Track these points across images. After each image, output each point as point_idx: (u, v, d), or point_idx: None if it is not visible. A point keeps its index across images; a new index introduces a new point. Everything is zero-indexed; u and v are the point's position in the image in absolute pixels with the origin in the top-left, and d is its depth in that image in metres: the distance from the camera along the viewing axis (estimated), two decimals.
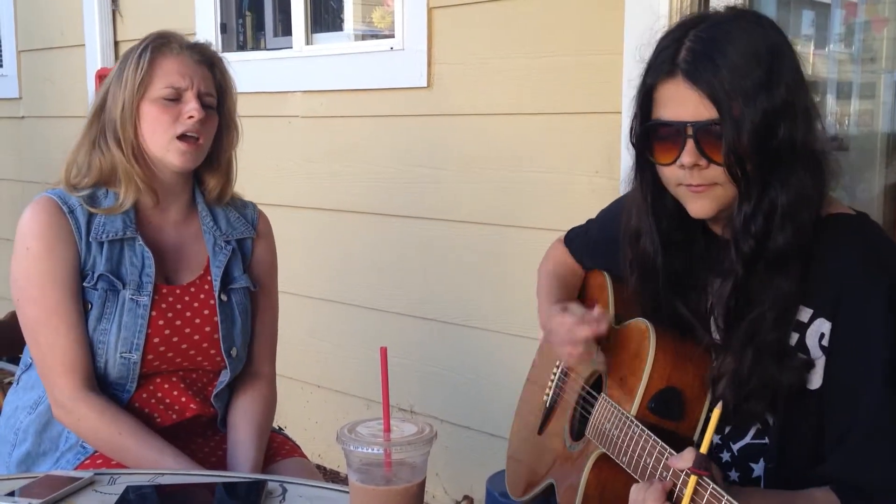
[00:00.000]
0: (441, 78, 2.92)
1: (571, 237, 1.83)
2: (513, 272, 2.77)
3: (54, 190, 1.75)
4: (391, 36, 3.11)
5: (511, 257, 2.80)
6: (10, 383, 1.92)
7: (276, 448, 1.88)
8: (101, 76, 3.83)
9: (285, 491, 1.43)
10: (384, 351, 1.19)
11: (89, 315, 1.69)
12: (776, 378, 1.32)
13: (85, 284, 1.70)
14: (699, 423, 1.41)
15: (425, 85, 2.94)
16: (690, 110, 1.30)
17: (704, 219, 1.39)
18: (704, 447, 1.17)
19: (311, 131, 3.39)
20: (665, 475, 1.25)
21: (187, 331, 1.76)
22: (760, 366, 1.32)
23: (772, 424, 1.36)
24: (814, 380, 1.31)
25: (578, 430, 1.64)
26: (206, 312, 1.78)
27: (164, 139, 1.73)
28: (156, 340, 1.72)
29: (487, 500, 2.17)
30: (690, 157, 1.31)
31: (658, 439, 1.31)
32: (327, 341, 3.45)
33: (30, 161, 4.55)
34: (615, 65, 2.43)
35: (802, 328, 1.32)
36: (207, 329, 1.78)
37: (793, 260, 1.30)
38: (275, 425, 1.93)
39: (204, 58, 1.79)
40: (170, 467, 1.61)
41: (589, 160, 2.57)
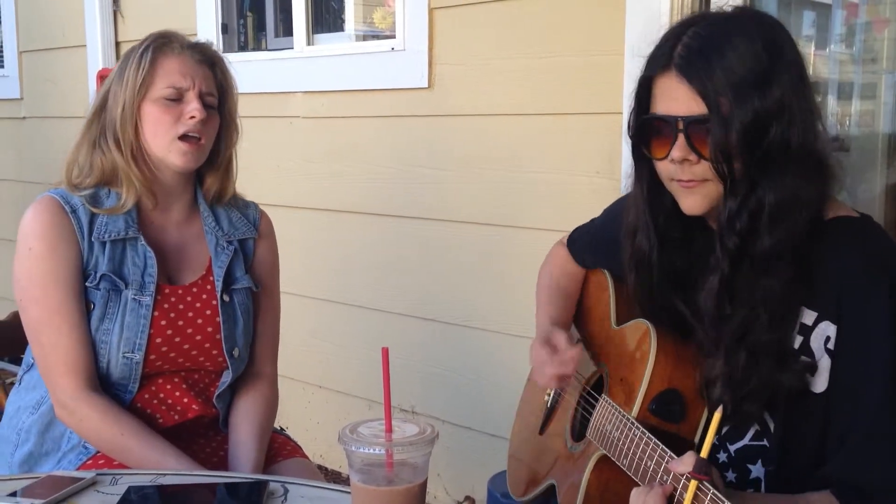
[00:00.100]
0: (442, 78, 2.92)
1: (574, 238, 1.83)
2: (514, 273, 2.77)
3: (56, 190, 1.75)
4: (392, 36, 3.11)
5: (512, 258, 2.80)
6: (13, 384, 1.92)
7: (278, 448, 1.88)
8: (103, 76, 3.82)
9: (287, 491, 1.43)
10: (385, 351, 1.19)
11: (92, 315, 1.69)
12: (776, 380, 1.31)
13: (87, 284, 1.70)
14: (700, 426, 1.40)
15: (426, 85, 2.94)
16: (682, 105, 1.30)
17: (699, 215, 1.38)
18: (705, 451, 1.17)
19: (312, 132, 3.39)
20: (665, 479, 1.25)
21: (189, 331, 1.76)
22: (758, 368, 1.31)
23: (772, 427, 1.35)
24: (818, 383, 1.30)
25: (579, 431, 1.64)
26: (209, 313, 1.78)
27: (166, 139, 1.73)
28: (158, 340, 1.72)
29: (489, 501, 2.17)
30: (680, 152, 1.31)
31: (658, 442, 1.30)
32: (329, 342, 3.45)
33: (31, 161, 4.54)
34: (616, 65, 2.42)
35: (807, 331, 1.31)
36: (209, 329, 1.78)
37: (784, 261, 1.29)
38: (276, 426, 1.93)
39: (205, 57, 1.79)
40: (172, 468, 1.61)
41: (589, 161, 2.57)
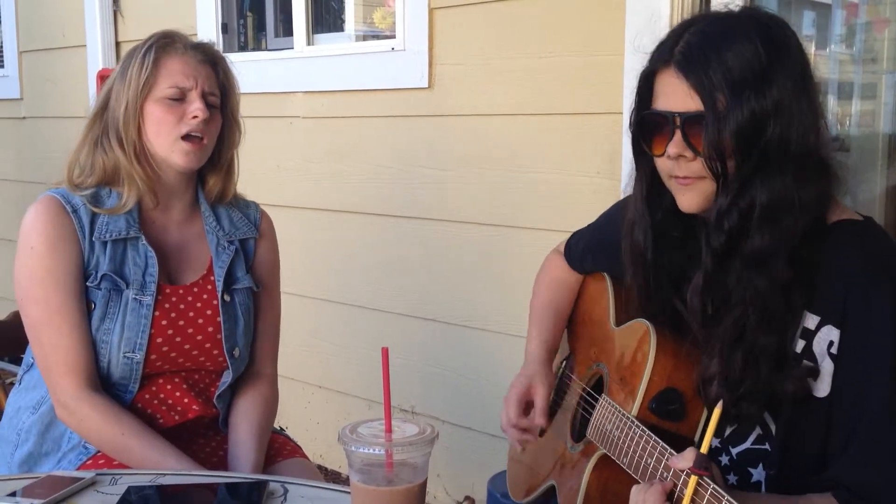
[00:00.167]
0: (442, 78, 2.92)
1: (570, 244, 1.82)
2: (513, 273, 2.77)
3: (57, 189, 1.75)
4: (392, 36, 3.11)
5: (512, 258, 2.80)
6: (12, 384, 1.91)
7: (278, 448, 1.88)
8: (103, 77, 3.83)
9: (286, 491, 1.43)
10: (385, 351, 1.19)
11: (92, 315, 1.69)
12: (775, 383, 1.30)
13: (88, 284, 1.70)
14: (700, 424, 1.41)
15: (426, 85, 2.94)
16: (680, 101, 1.31)
17: (699, 214, 1.37)
18: (705, 447, 1.17)
19: (312, 132, 3.39)
20: (665, 475, 1.25)
21: (190, 331, 1.76)
22: (756, 370, 1.31)
23: (774, 430, 1.35)
24: (821, 388, 1.29)
25: (579, 432, 1.64)
26: (209, 313, 1.78)
27: (169, 139, 1.73)
28: (159, 340, 1.72)
29: (489, 501, 2.17)
30: (676, 148, 1.31)
31: (658, 440, 1.31)
32: (328, 342, 3.45)
33: (31, 161, 4.54)
34: (616, 65, 2.42)
35: (809, 335, 1.30)
36: (210, 329, 1.78)
37: (779, 262, 1.28)
38: (276, 426, 1.93)
39: (207, 57, 1.79)
40: (172, 468, 1.61)
41: (590, 161, 2.57)
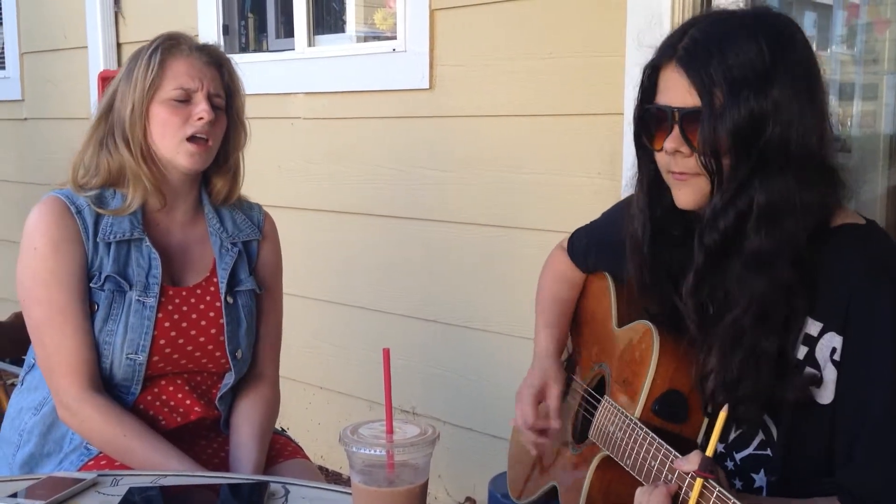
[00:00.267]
0: (443, 79, 2.92)
1: (573, 240, 1.82)
2: (515, 274, 2.77)
3: (62, 190, 1.75)
4: (393, 38, 3.11)
5: (513, 259, 2.80)
6: (14, 385, 1.91)
7: (279, 449, 1.88)
8: (104, 78, 3.83)
9: (288, 492, 1.43)
10: (387, 352, 1.19)
11: (95, 316, 1.69)
12: (774, 388, 1.29)
13: (91, 285, 1.70)
14: (702, 426, 1.40)
15: (427, 86, 2.95)
16: (679, 97, 1.31)
17: (697, 212, 1.37)
18: (710, 450, 1.16)
19: (313, 133, 3.39)
20: (670, 478, 1.24)
21: (193, 333, 1.76)
22: (756, 373, 1.30)
23: (776, 436, 1.35)
24: (824, 395, 1.28)
25: (581, 433, 1.64)
26: (212, 314, 1.78)
27: (174, 141, 1.73)
28: (161, 342, 1.72)
29: (490, 502, 2.17)
30: (673, 143, 1.31)
31: (663, 442, 1.30)
32: (330, 343, 3.45)
33: (32, 163, 4.54)
34: (617, 66, 2.42)
35: (812, 342, 1.29)
36: (213, 331, 1.78)
37: (778, 265, 1.27)
38: (277, 427, 1.93)
39: (213, 59, 1.80)
40: (174, 469, 1.61)
41: (590, 162, 2.57)
